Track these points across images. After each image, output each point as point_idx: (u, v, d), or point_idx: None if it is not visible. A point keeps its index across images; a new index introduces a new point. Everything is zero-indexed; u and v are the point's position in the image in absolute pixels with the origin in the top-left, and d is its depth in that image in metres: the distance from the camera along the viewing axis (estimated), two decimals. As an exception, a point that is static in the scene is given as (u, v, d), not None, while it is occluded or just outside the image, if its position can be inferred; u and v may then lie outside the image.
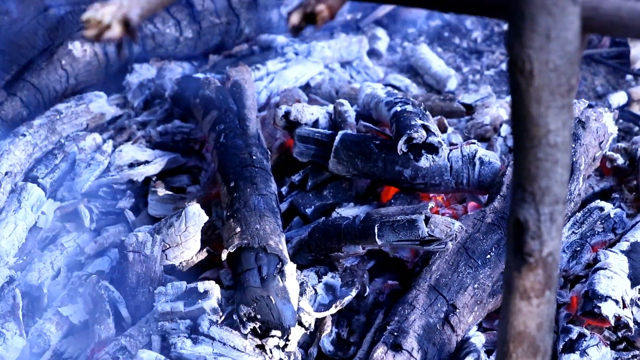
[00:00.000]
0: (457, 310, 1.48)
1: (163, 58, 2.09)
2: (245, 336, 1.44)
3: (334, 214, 1.63)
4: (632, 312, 1.52)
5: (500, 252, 1.51)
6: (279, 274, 1.47)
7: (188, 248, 1.58)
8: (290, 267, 1.48)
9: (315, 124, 1.76)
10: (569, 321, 1.52)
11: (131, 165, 1.82)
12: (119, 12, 0.97)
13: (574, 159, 1.60)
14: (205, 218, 1.58)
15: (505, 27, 1.15)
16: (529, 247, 0.98)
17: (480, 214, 1.56)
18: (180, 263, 1.59)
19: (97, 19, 0.96)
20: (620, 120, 1.92)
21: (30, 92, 1.91)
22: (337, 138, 1.67)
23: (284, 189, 1.72)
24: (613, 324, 1.48)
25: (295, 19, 1.00)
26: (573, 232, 1.62)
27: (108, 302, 1.51)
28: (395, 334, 1.44)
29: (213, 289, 1.48)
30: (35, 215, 1.74)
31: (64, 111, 1.91)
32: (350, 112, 1.77)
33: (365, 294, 1.56)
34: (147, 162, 1.82)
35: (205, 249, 1.61)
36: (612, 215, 1.64)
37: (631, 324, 1.49)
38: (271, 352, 1.45)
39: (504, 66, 2.02)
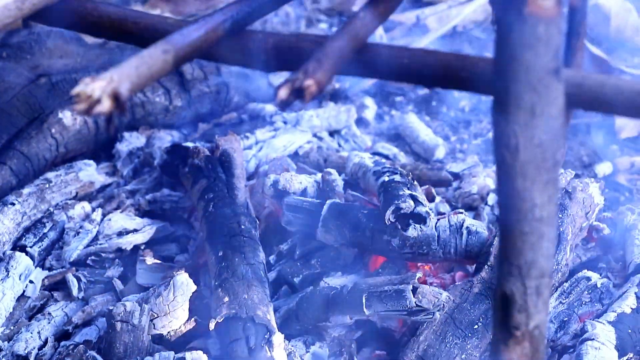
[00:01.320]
0: (445, 381, 1.48)
1: (153, 126, 2.11)
2: (232, 407, 1.44)
3: (322, 284, 1.64)
4: (619, 383, 1.53)
5: (488, 322, 1.51)
6: (267, 344, 1.47)
7: (176, 317, 1.58)
8: (278, 337, 1.48)
9: (304, 192, 1.76)
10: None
11: (120, 234, 1.82)
12: (109, 86, 0.98)
13: (561, 229, 1.61)
14: (194, 287, 1.58)
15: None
16: (516, 321, 0.99)
17: (467, 283, 1.56)
18: (169, 332, 1.59)
19: (87, 93, 0.98)
20: (607, 190, 1.93)
21: (20, 161, 1.91)
22: (325, 207, 1.67)
23: (272, 258, 1.72)
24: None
25: (283, 93, 1.01)
26: (560, 302, 1.63)
27: (95, 372, 1.50)
28: (383, 404, 1.44)
29: (201, 358, 1.48)
30: (23, 284, 1.74)
31: (53, 180, 1.91)
32: (338, 181, 1.78)
33: (353, 364, 1.56)
34: (135, 230, 1.83)
35: (193, 318, 1.60)
36: (599, 286, 1.64)
37: (619, 396, 1.50)
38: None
39: (490, 135, 2.04)
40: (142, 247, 1.81)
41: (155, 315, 1.57)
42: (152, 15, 1.20)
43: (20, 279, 1.73)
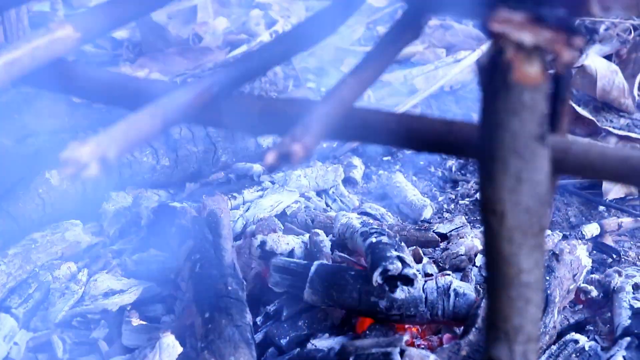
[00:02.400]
0: None
1: (140, 186, 2.11)
2: None
3: (309, 345, 1.63)
4: None
5: (476, 385, 1.51)
6: (253, 407, 1.46)
7: (162, 380, 1.57)
8: (264, 400, 1.47)
9: (291, 253, 1.76)
10: None
11: (106, 295, 1.81)
12: (97, 151, 0.98)
13: (549, 292, 1.61)
14: (180, 349, 1.57)
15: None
16: (503, 386, 0.98)
17: (455, 346, 1.56)
18: (154, 395, 1.57)
19: (75, 157, 0.97)
20: (594, 252, 1.94)
21: (6, 221, 1.91)
22: (313, 269, 1.67)
23: (259, 319, 1.72)
24: None
25: (270, 158, 1.01)
26: (548, 364, 1.62)
27: None
28: None
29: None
30: (7, 346, 1.72)
31: (39, 240, 1.90)
32: (325, 242, 1.78)
33: None
34: (122, 291, 1.82)
35: (179, 381, 1.59)
36: (586, 349, 1.64)
37: None
38: None
39: (478, 195, 2.05)
40: (128, 308, 1.80)
41: (141, 378, 1.56)
42: (140, 79, 1.20)
43: (4, 341, 1.72)
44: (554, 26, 0.87)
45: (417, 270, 1.63)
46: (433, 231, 1.91)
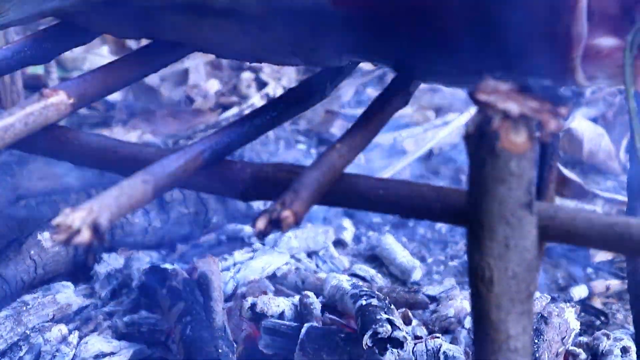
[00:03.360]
0: None
1: (131, 247, 2.11)
2: None
3: (299, 408, 1.63)
4: None
5: None
6: None
7: None
8: None
9: (282, 315, 1.77)
10: None
11: (97, 357, 1.81)
12: (89, 217, 0.99)
13: (537, 356, 1.62)
14: (170, 412, 1.57)
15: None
16: None
17: (445, 409, 1.56)
18: None
19: (67, 223, 0.99)
20: (582, 314, 1.94)
21: (-2, 283, 1.91)
22: (303, 331, 1.68)
23: (249, 381, 1.72)
24: None
25: (261, 224, 1.02)
26: None
27: None
28: None
29: None
30: (-3, 409, 1.72)
31: (30, 302, 1.90)
32: (316, 304, 1.79)
33: None
34: (112, 353, 1.82)
35: None
36: (576, 412, 1.64)
37: None
38: None
39: (467, 258, 2.05)
40: (119, 370, 1.80)
41: None
42: (132, 144, 1.22)
43: (-6, 404, 1.71)
44: (540, 96, 0.89)
45: (407, 333, 1.64)
46: (422, 293, 1.92)
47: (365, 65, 2.63)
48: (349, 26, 1.13)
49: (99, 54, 2.57)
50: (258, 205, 2.21)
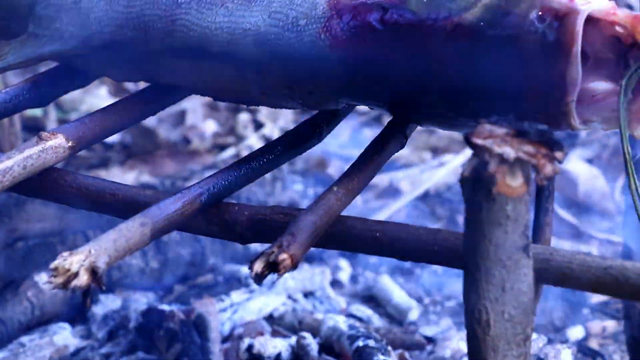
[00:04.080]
0: None
1: (129, 288, 2.11)
2: None
3: None
4: None
5: None
6: None
7: None
8: None
9: (279, 357, 1.77)
10: None
11: (93, 399, 1.81)
12: (87, 261, 1.00)
13: (534, 397, 1.62)
14: None
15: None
16: None
17: None
18: None
19: (65, 267, 0.99)
20: (579, 355, 1.94)
21: (-5, 325, 1.91)
22: (300, 372, 1.68)
23: (246, 423, 1.72)
24: None
25: (258, 267, 1.03)
26: None
27: None
28: None
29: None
30: None
31: (27, 344, 1.90)
32: (312, 345, 1.79)
33: None
34: (109, 395, 1.82)
35: None
36: None
37: None
38: None
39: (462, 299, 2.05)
40: (115, 413, 1.80)
41: None
42: (130, 187, 1.22)
43: None
44: (536, 140, 0.90)
45: (404, 375, 1.64)
46: (419, 334, 1.92)
47: (362, 106, 2.64)
48: (346, 70, 1.14)
49: (97, 95, 2.58)
50: (255, 246, 2.22)
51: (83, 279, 0.98)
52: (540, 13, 1.03)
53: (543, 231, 1.10)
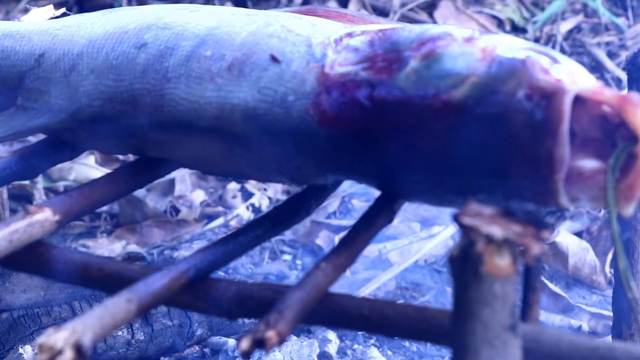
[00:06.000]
0: None
1: (114, 360, 2.10)
2: None
3: None
4: None
5: None
6: None
7: None
8: None
9: None
10: None
11: None
12: (72, 337, 0.99)
13: None
14: None
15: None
16: None
17: None
18: None
19: (50, 344, 0.98)
20: None
21: (-22, 398, 1.89)
22: None
23: None
24: None
25: (245, 345, 1.02)
26: None
27: None
28: None
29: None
30: None
31: (10, 416, 1.88)
32: (300, 419, 1.77)
33: None
34: None
35: None
36: None
37: None
38: None
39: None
40: None
41: None
42: (116, 262, 1.22)
43: None
44: (523, 220, 0.90)
45: None
46: (408, 408, 1.90)
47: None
48: (334, 146, 1.14)
49: (85, 164, 2.58)
50: (242, 318, 2.20)
51: (68, 357, 0.97)
52: (528, 92, 1.03)
53: (531, 309, 1.09)
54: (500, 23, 3.27)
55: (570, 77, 1.04)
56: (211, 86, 1.21)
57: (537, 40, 3.15)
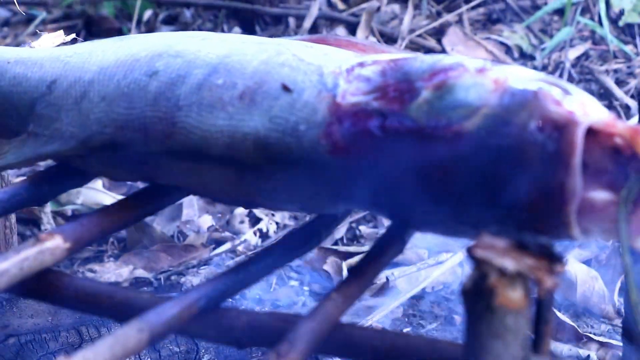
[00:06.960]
0: None
1: (120, 385, 2.09)
2: None
3: None
4: None
5: None
6: None
7: None
8: None
9: None
10: None
11: None
12: (82, 367, 0.99)
13: None
14: None
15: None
16: None
17: None
18: None
19: (60, 374, 0.98)
20: None
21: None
22: None
23: None
24: None
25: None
26: None
27: None
28: None
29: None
30: None
31: None
32: None
33: None
34: None
35: None
36: None
37: None
38: None
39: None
40: None
41: None
42: (126, 290, 1.22)
43: None
44: (536, 253, 0.90)
45: None
46: None
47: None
48: (346, 176, 1.14)
49: (93, 188, 2.58)
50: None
51: (78, 387, 0.97)
52: (540, 123, 1.03)
53: (543, 341, 1.09)
54: (508, 50, 3.27)
55: (582, 108, 1.04)
56: (223, 115, 1.21)
57: (545, 67, 3.15)
